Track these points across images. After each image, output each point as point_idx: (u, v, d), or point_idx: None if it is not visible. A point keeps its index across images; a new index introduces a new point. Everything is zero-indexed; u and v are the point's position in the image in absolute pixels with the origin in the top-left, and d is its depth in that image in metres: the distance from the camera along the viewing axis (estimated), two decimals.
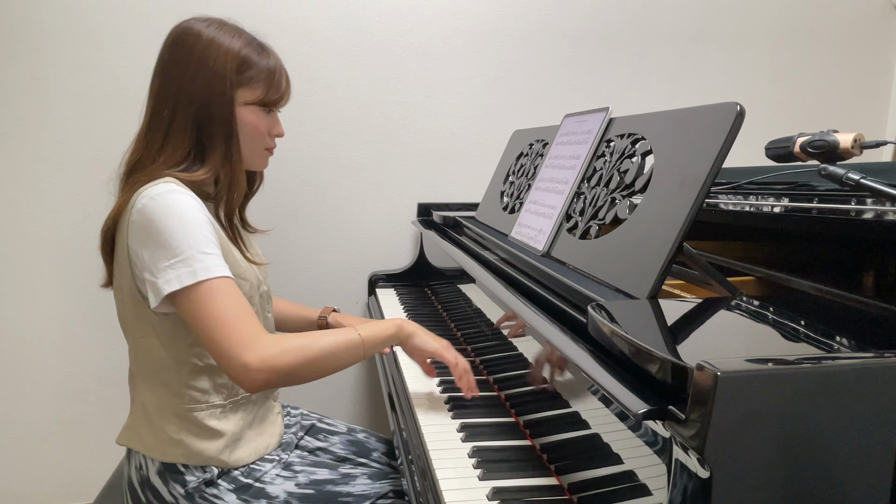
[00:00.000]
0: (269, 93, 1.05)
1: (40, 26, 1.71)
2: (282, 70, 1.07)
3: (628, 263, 0.83)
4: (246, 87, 1.02)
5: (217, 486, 1.02)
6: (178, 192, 0.94)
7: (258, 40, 1.06)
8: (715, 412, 0.49)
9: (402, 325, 1.07)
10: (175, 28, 1.03)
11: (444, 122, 2.00)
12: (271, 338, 0.92)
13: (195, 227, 0.92)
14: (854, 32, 2.23)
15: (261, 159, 1.10)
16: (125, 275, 0.98)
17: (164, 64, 1.02)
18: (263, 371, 0.88)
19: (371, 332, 1.03)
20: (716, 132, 0.78)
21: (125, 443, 1.06)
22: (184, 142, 1.00)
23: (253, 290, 1.08)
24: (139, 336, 1.01)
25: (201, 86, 0.99)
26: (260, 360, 0.88)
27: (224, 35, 1.01)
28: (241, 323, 0.90)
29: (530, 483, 0.84)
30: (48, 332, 1.84)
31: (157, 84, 1.02)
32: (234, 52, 1.00)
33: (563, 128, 1.27)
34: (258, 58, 1.03)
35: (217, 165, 1.02)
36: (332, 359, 0.97)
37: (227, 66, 1.00)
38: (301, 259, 1.96)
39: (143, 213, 0.92)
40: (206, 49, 0.99)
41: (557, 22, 2.03)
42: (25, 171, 1.76)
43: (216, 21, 1.03)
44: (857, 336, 0.66)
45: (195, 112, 0.99)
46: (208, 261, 0.91)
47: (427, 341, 1.07)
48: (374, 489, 1.12)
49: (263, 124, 1.06)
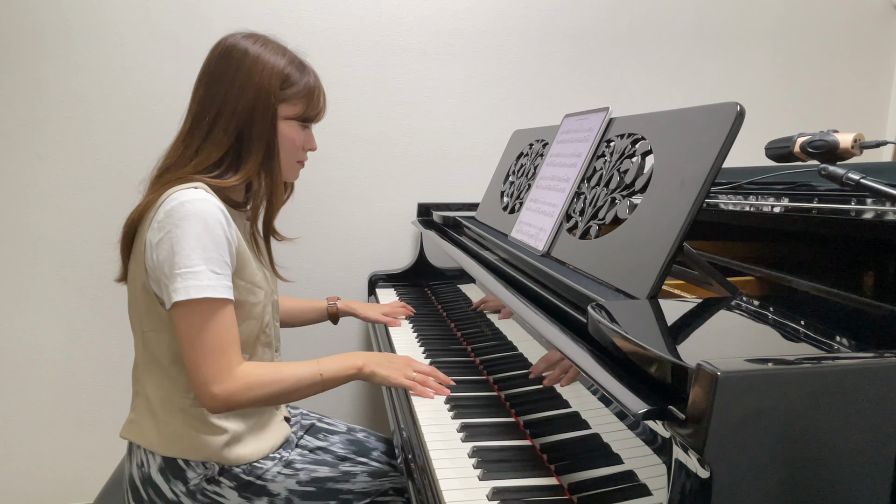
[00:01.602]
0: (308, 109, 1.09)
1: (40, 26, 1.71)
2: (320, 88, 1.11)
3: (628, 263, 0.83)
4: (287, 103, 1.06)
5: (219, 484, 1.02)
6: (208, 201, 0.96)
7: (299, 58, 1.10)
8: (715, 412, 0.49)
9: (364, 366, 1.10)
10: (222, 41, 1.06)
11: (444, 122, 2.00)
12: (241, 372, 0.97)
13: (214, 244, 0.94)
14: (854, 33, 2.23)
15: (293, 171, 1.14)
16: (140, 270, 0.99)
17: (210, 75, 1.05)
18: (225, 404, 0.96)
19: (332, 371, 1.06)
20: (716, 132, 0.78)
21: (128, 436, 1.07)
22: (219, 149, 1.02)
23: (267, 298, 1.10)
24: (149, 329, 1.02)
25: (246, 99, 1.02)
26: (225, 392, 0.95)
27: (269, 52, 1.05)
28: (222, 354, 0.95)
29: (530, 483, 0.84)
30: (48, 332, 1.84)
31: (202, 93, 1.05)
32: (279, 69, 1.04)
33: (563, 126, 1.27)
34: (300, 76, 1.07)
35: (251, 174, 1.04)
36: (291, 396, 1.03)
37: (272, 83, 1.03)
38: (301, 259, 1.96)
39: (170, 215, 0.93)
40: (252, 65, 1.03)
41: (557, 22, 2.03)
42: (25, 171, 1.76)
43: (262, 38, 1.07)
44: (857, 336, 0.66)
45: (237, 123, 1.02)
46: (216, 280, 0.94)
47: (386, 377, 1.11)
48: (374, 486, 1.13)
49: (299, 139, 1.10)
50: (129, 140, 1.78)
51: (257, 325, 1.08)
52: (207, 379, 0.93)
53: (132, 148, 1.79)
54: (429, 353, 1.33)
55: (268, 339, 1.12)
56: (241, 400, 0.96)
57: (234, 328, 0.97)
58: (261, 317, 1.08)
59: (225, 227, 0.97)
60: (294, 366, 1.04)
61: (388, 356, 1.15)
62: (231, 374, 0.95)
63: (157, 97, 1.79)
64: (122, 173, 1.79)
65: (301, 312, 1.49)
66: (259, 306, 1.07)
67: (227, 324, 0.95)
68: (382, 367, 1.11)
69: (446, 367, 1.26)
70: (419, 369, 1.14)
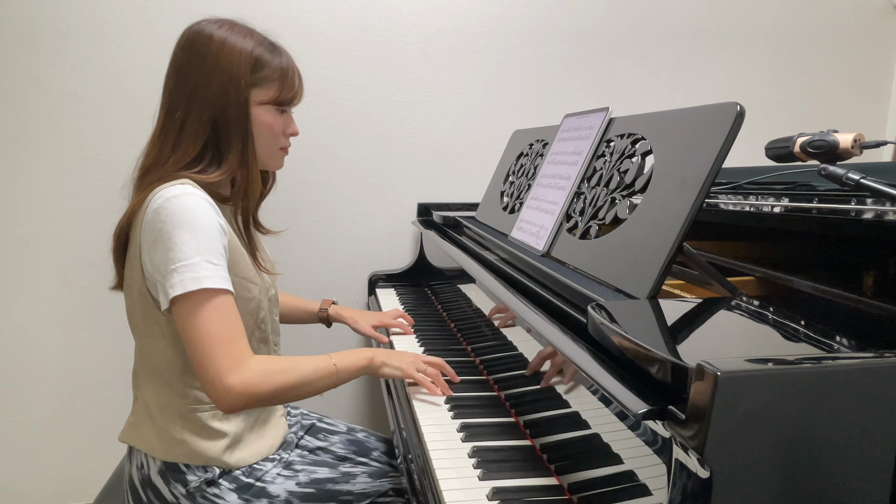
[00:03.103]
0: (283, 92, 1.05)
1: (40, 26, 1.71)
2: (294, 68, 1.07)
3: (628, 263, 0.83)
4: (260, 87, 1.02)
5: (218, 486, 1.02)
6: (194, 195, 0.94)
7: (269, 39, 1.05)
8: (715, 412, 0.49)
9: (374, 357, 1.10)
10: (186, 30, 1.02)
11: (444, 122, 2.00)
12: (255, 361, 0.94)
13: (206, 235, 0.92)
14: (854, 32, 2.23)
15: (276, 159, 1.11)
16: (136, 274, 0.98)
17: (178, 66, 1.02)
18: (244, 396, 0.91)
19: (346, 363, 1.05)
20: (716, 132, 0.78)
21: (127, 440, 1.06)
22: (196, 142, 0.99)
23: (262, 293, 1.08)
24: (146, 335, 1.01)
25: (216, 87, 0.99)
26: (243, 383, 0.90)
27: (236, 36, 1.01)
28: (231, 343, 0.91)
29: (530, 483, 0.84)
30: (48, 332, 1.84)
31: (171, 86, 1.02)
32: (247, 53, 1.00)
33: (563, 125, 1.27)
34: (271, 57, 1.03)
35: (234, 167, 1.02)
36: (308, 387, 1.00)
37: (241, 67, 0.99)
38: (301, 259, 1.96)
39: (157, 213, 0.92)
40: (219, 50, 0.99)
41: (557, 22, 2.03)
42: (25, 171, 1.76)
43: (227, 22, 1.03)
44: (857, 336, 0.66)
45: (210, 113, 0.99)
46: (213, 271, 0.92)
47: (395, 370, 1.10)
48: (374, 487, 1.13)
49: (278, 124, 1.06)
50: (129, 140, 1.78)
51: (252, 321, 1.07)
52: (221, 371, 0.89)
53: (132, 148, 1.77)
54: (429, 353, 1.33)
55: (264, 335, 1.11)
56: (260, 391, 0.92)
57: (239, 319, 0.94)
58: (255, 312, 1.07)
59: (216, 218, 0.95)
60: (307, 358, 1.02)
61: (398, 351, 1.15)
62: (245, 364, 0.91)
63: (157, 97, 1.78)
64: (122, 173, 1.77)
65: (291, 311, 1.46)
66: (253, 301, 1.06)
67: (230, 314, 0.92)
68: (392, 359, 1.11)
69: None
70: (429, 361, 1.14)
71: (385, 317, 1.50)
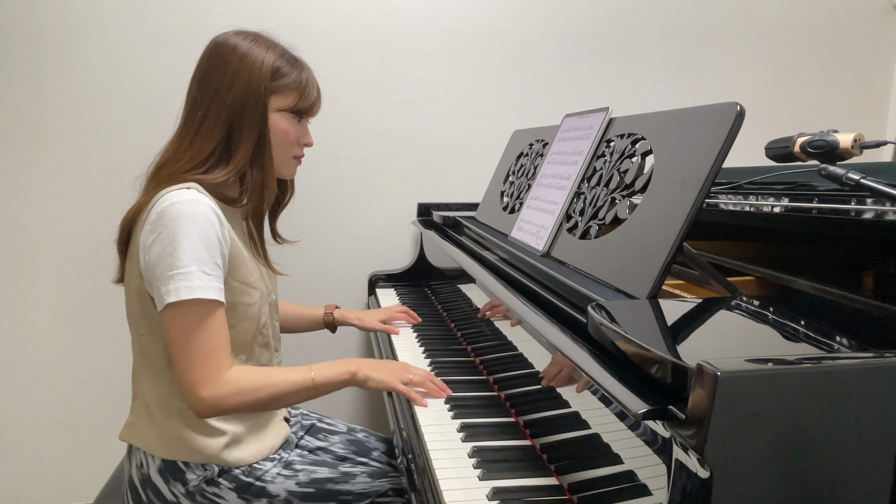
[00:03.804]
0: (301, 100, 1.08)
1: (40, 26, 1.71)
2: (313, 81, 1.11)
3: (628, 263, 0.83)
4: (279, 94, 1.06)
5: (218, 485, 1.02)
6: (199, 201, 0.95)
7: (291, 53, 1.09)
8: (715, 412, 0.49)
9: (358, 370, 1.09)
10: (213, 40, 1.06)
11: (444, 122, 2.00)
12: (230, 376, 0.96)
13: (205, 244, 0.94)
14: (854, 32, 2.23)
15: (289, 167, 1.13)
16: (135, 271, 0.99)
17: (202, 72, 1.05)
18: (212, 408, 0.95)
19: (325, 377, 1.05)
20: (716, 132, 0.78)
21: (127, 439, 1.06)
22: (210, 141, 1.02)
23: (263, 299, 1.09)
24: (144, 332, 1.02)
25: (236, 91, 1.02)
26: (213, 397, 0.94)
27: (259, 47, 1.05)
28: (211, 358, 0.94)
29: (530, 483, 0.84)
30: (47, 332, 1.84)
31: (194, 89, 1.05)
32: (269, 61, 1.04)
33: (564, 125, 1.27)
34: (290, 68, 1.07)
35: (241, 166, 1.03)
36: (282, 402, 1.02)
37: (262, 73, 1.03)
38: (301, 259, 1.96)
39: (161, 216, 0.93)
40: (242, 58, 1.03)
41: (557, 22, 2.03)
42: (25, 171, 1.76)
43: (252, 34, 1.07)
44: (857, 336, 0.66)
45: (227, 114, 1.02)
46: (208, 281, 0.93)
47: (380, 382, 1.09)
48: (374, 487, 1.13)
49: (293, 132, 1.09)
50: (129, 140, 1.78)
51: (253, 326, 1.07)
52: (196, 383, 0.93)
53: (132, 148, 1.78)
54: (429, 354, 1.33)
55: (265, 340, 1.12)
56: (228, 405, 0.95)
57: (225, 331, 0.97)
58: (256, 317, 1.08)
59: (217, 227, 0.96)
60: (285, 371, 1.03)
61: (382, 362, 1.14)
62: (219, 379, 0.95)
63: (157, 97, 1.79)
64: (122, 173, 1.79)
65: (296, 319, 1.46)
66: (254, 307, 1.07)
67: (217, 327, 0.95)
68: (376, 371, 1.10)
69: (446, 367, 1.26)
70: (415, 373, 1.13)
71: (389, 311, 1.54)
